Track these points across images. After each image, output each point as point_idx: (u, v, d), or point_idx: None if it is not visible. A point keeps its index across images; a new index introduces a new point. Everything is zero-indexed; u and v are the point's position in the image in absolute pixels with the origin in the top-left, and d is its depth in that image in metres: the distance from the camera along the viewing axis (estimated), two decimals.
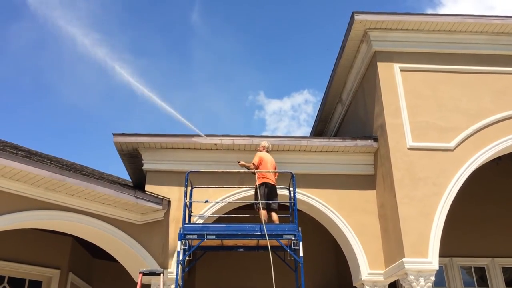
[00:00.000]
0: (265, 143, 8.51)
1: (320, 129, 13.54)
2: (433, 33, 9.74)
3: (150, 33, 33.00)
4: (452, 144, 8.81)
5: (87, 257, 12.13)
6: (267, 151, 8.38)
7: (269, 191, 7.86)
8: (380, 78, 9.37)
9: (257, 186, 7.77)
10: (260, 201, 7.68)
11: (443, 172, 8.57)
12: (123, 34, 31.89)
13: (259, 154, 8.18)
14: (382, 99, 9.18)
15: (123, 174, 19.71)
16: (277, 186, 7.99)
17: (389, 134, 8.87)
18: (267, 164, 8.03)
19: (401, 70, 9.44)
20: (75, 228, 8.46)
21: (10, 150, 7.98)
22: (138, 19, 32.45)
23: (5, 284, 10.13)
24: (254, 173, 7.94)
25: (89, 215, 8.17)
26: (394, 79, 9.36)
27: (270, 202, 7.83)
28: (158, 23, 32.96)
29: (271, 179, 7.93)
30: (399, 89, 9.26)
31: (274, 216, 7.87)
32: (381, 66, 9.48)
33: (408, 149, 8.75)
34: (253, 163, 7.97)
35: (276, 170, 8.15)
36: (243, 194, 9.02)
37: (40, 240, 10.37)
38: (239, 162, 8.14)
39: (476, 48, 9.76)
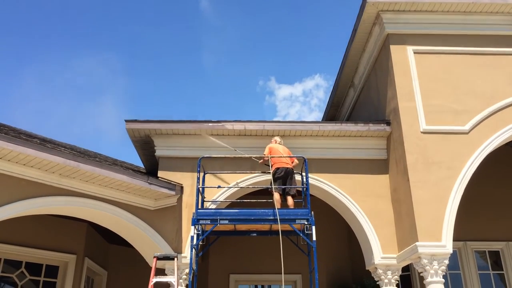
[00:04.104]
0: (276, 138, 8.72)
1: (332, 114, 13.45)
2: (447, 14, 9.54)
3: (159, 21, 32.90)
4: (466, 127, 8.69)
5: (103, 242, 12.31)
6: (280, 144, 8.56)
7: (284, 175, 7.97)
8: (393, 61, 9.23)
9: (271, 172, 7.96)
10: (272, 186, 7.78)
11: (458, 155, 8.47)
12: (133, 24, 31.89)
13: (268, 145, 8.43)
14: (395, 82, 9.06)
15: (136, 160, 19.87)
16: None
17: (402, 118, 8.77)
18: (278, 152, 8.21)
19: (414, 53, 9.28)
20: (90, 214, 8.57)
21: (24, 137, 8.08)
22: (148, 7, 32.36)
23: (23, 269, 10.34)
24: (268, 164, 8.09)
25: (103, 201, 8.26)
26: (407, 61, 9.22)
27: (283, 187, 7.92)
28: (167, 11, 32.83)
29: (284, 162, 8.05)
30: (413, 72, 9.12)
31: (290, 200, 7.98)
32: (394, 49, 9.33)
33: (422, 132, 8.65)
34: (264, 155, 8.25)
35: (287, 155, 8.19)
36: (255, 179, 9.05)
37: (56, 226, 10.54)
38: (260, 161, 8.44)
39: (492, 29, 9.54)
